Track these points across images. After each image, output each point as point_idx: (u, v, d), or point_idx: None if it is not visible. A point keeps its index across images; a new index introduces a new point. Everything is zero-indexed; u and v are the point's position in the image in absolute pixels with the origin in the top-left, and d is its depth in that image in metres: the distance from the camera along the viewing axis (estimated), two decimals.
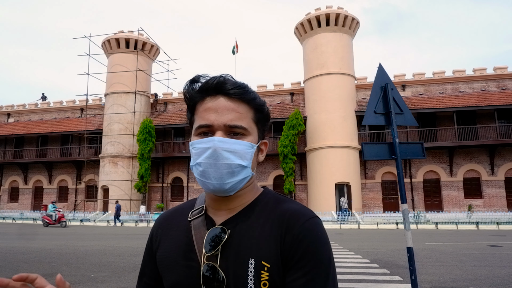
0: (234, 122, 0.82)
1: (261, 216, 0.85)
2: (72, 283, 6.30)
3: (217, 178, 0.81)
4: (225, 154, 0.80)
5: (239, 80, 0.88)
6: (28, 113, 35.26)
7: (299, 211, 0.84)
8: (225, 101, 0.83)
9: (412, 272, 3.59)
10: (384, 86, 4.04)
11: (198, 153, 0.82)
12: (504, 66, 26.05)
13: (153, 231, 0.98)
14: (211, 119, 0.82)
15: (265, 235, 0.82)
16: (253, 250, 0.80)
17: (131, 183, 28.54)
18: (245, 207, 0.88)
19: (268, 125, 0.94)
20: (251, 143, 0.85)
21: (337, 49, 26.00)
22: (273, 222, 0.83)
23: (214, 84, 0.84)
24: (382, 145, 4.02)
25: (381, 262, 8.40)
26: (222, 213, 0.88)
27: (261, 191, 0.93)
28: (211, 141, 0.81)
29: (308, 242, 0.79)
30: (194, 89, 0.87)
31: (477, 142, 23.84)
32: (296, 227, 0.80)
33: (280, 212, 0.85)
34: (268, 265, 0.78)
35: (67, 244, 12.23)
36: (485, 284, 6.15)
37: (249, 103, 0.86)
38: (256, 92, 0.90)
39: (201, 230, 0.86)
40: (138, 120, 29.41)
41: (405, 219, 3.79)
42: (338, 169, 23.88)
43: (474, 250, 10.32)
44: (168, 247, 0.90)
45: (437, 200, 25.42)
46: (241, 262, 0.79)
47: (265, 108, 0.90)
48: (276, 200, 0.89)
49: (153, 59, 32.36)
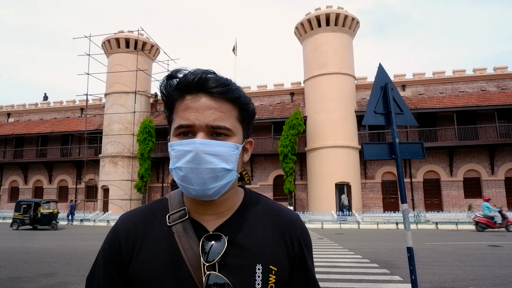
0: (217, 123, 0.76)
1: (255, 220, 0.84)
2: (72, 283, 6.30)
3: (199, 183, 0.74)
4: (208, 158, 0.74)
5: (225, 77, 0.81)
6: (28, 113, 35.26)
7: (290, 214, 0.89)
8: (207, 100, 0.76)
9: (412, 272, 3.59)
10: (384, 86, 4.04)
11: (178, 155, 0.75)
12: (504, 66, 26.04)
13: (119, 239, 0.82)
14: (192, 119, 0.75)
15: (268, 240, 0.81)
16: (259, 255, 0.78)
17: (131, 183, 28.54)
18: (236, 211, 0.84)
19: (253, 123, 0.88)
20: (236, 144, 0.78)
21: (337, 49, 25.99)
22: (271, 225, 0.84)
23: (195, 82, 0.76)
24: (382, 145, 4.02)
25: (381, 262, 8.40)
26: (210, 217, 0.82)
27: (243, 191, 0.90)
28: (193, 143, 0.74)
29: (309, 242, 0.89)
30: (172, 85, 0.79)
31: (477, 142, 23.83)
32: (298, 230, 0.87)
33: (273, 216, 0.87)
34: (276, 268, 0.79)
35: (67, 244, 12.23)
36: (485, 284, 6.15)
37: (233, 101, 0.79)
38: (243, 89, 0.86)
39: (189, 237, 0.78)
40: (138, 120, 29.41)
41: (405, 219, 3.79)
42: (338, 169, 23.88)
43: (474, 250, 10.32)
44: (147, 258, 0.78)
45: (437, 200, 25.42)
46: (247, 268, 0.77)
47: (251, 106, 0.84)
48: (261, 201, 0.90)
49: (153, 59, 32.35)
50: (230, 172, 0.77)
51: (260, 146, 27.43)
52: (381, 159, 4.06)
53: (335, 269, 7.60)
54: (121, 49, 30.13)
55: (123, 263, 0.80)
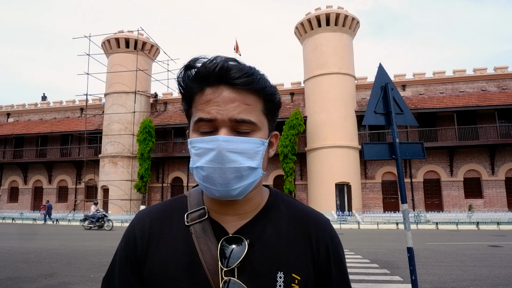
0: (241, 116, 0.70)
1: (279, 223, 0.77)
2: (72, 283, 6.30)
3: (223, 184, 0.69)
4: (232, 157, 0.68)
5: (248, 64, 0.74)
6: (28, 113, 35.26)
7: (319, 217, 0.82)
8: (229, 92, 0.70)
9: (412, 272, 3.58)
10: (384, 86, 4.03)
11: (199, 154, 0.70)
12: (505, 66, 26.03)
13: (135, 237, 0.78)
14: (213, 113, 0.69)
15: (291, 245, 0.75)
16: (281, 262, 0.72)
17: (131, 183, 28.53)
18: (259, 212, 0.78)
19: (278, 114, 0.82)
20: (261, 139, 0.72)
21: (337, 49, 25.99)
22: (296, 229, 0.77)
23: (216, 72, 0.69)
24: (382, 145, 4.01)
25: (381, 262, 8.40)
26: (231, 218, 0.76)
27: (268, 191, 0.84)
28: (215, 140, 0.68)
29: (339, 250, 0.81)
30: (190, 76, 0.72)
31: (477, 142, 23.83)
32: (325, 236, 0.79)
33: (299, 219, 0.79)
34: (299, 278, 0.72)
35: (67, 244, 12.22)
36: (485, 284, 6.15)
37: (258, 92, 0.72)
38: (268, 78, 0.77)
39: (208, 238, 0.73)
40: (138, 120, 29.41)
41: (405, 219, 3.78)
42: (338, 169, 23.87)
43: (475, 250, 10.31)
44: (162, 259, 0.74)
45: (437, 200, 25.41)
46: (267, 276, 0.71)
47: (277, 96, 0.77)
48: (287, 202, 0.83)
49: (153, 59, 32.35)
50: (255, 171, 0.72)
51: None
52: (381, 159, 4.06)
53: None
54: (121, 49, 30.12)
55: (138, 262, 0.76)
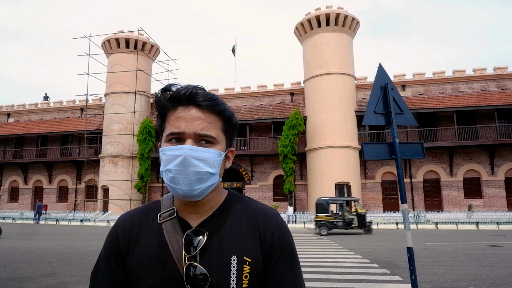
0: (204, 131, 0.87)
1: (233, 218, 0.93)
2: (72, 283, 6.30)
3: (186, 184, 0.85)
4: (194, 162, 0.85)
5: (212, 93, 0.93)
6: (28, 113, 35.25)
7: (267, 210, 0.96)
8: (196, 111, 0.88)
9: (412, 272, 3.58)
10: (384, 86, 4.03)
11: (168, 159, 0.86)
12: (504, 66, 26.04)
13: (117, 236, 0.94)
14: (182, 127, 0.87)
15: (243, 235, 0.90)
16: (235, 248, 0.88)
17: (131, 183, 28.54)
18: (216, 210, 0.94)
19: (235, 134, 0.99)
20: (219, 151, 0.89)
21: (337, 49, 25.99)
22: (247, 222, 0.92)
23: (186, 95, 0.88)
24: (382, 145, 4.02)
25: (381, 262, 8.41)
26: (194, 216, 0.93)
27: (226, 193, 0.99)
28: (182, 148, 0.85)
29: (283, 238, 0.93)
30: (166, 97, 0.91)
31: (477, 142, 23.83)
32: (271, 226, 0.92)
33: (250, 213, 0.94)
34: (249, 260, 0.87)
35: (67, 244, 12.23)
36: (485, 284, 6.15)
37: (218, 114, 0.91)
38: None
39: (176, 232, 0.90)
40: (138, 120, 29.41)
41: (405, 219, 3.79)
42: (338, 169, 23.88)
43: (474, 250, 10.32)
44: (140, 251, 0.90)
45: (437, 200, 25.42)
46: (223, 259, 0.86)
47: (234, 118, 0.96)
48: (242, 201, 0.98)
49: (153, 59, 32.35)
50: (213, 176, 0.88)
51: (260, 146, 27.43)
52: (381, 159, 4.06)
53: (335, 269, 7.60)
54: (121, 49, 30.12)
55: (121, 255, 0.92)
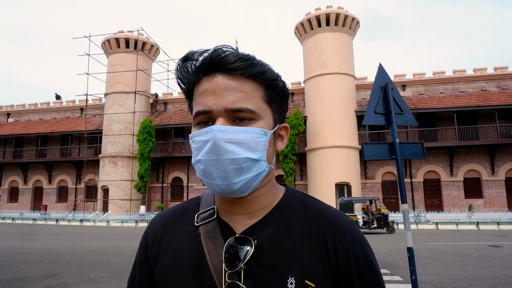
0: (237, 105, 0.66)
1: (292, 223, 0.72)
2: (72, 283, 6.29)
3: (221, 177, 0.65)
4: (228, 147, 0.64)
5: (247, 53, 0.70)
6: (28, 113, 35.25)
7: (339, 217, 0.74)
8: (224, 79, 0.67)
9: (412, 272, 3.58)
10: (384, 86, 4.03)
11: (198, 147, 0.67)
12: (505, 66, 26.03)
13: (147, 242, 0.79)
14: (209, 103, 0.67)
15: (305, 248, 0.68)
16: (293, 267, 0.66)
17: (131, 183, 28.53)
18: (270, 211, 0.73)
19: (286, 104, 0.77)
20: (262, 129, 0.68)
21: (337, 49, 25.98)
22: (310, 232, 0.71)
23: (210, 60, 0.68)
24: (382, 145, 4.01)
25: (381, 262, 8.40)
26: (240, 218, 0.72)
27: (283, 190, 0.78)
28: (210, 131, 0.65)
29: (363, 257, 0.71)
30: (187, 68, 0.71)
31: (477, 142, 23.82)
32: (346, 240, 0.70)
33: (316, 220, 0.72)
34: (313, 285, 0.65)
35: (67, 244, 12.23)
36: (485, 285, 6.14)
37: (256, 78, 0.69)
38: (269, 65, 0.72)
39: (215, 239, 0.70)
40: (138, 120, 29.41)
41: (405, 219, 3.78)
42: (338, 169, 23.87)
43: (475, 250, 10.31)
44: (170, 260, 0.72)
45: (438, 200, 25.40)
46: (276, 281, 0.65)
47: (279, 82, 0.73)
48: (303, 202, 0.76)
49: (153, 59, 32.35)
50: (257, 163, 0.67)
51: None
52: (381, 159, 4.05)
53: None
54: (121, 49, 30.12)
55: (150, 265, 0.76)
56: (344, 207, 17.03)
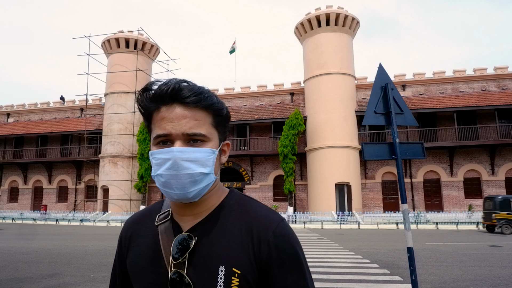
0: (192, 130, 0.80)
1: (227, 222, 0.85)
2: (72, 284, 6.30)
3: (179, 188, 0.79)
4: (185, 164, 0.79)
5: (198, 85, 0.85)
6: (28, 113, 35.26)
7: (266, 216, 0.86)
8: (181, 109, 0.80)
9: (412, 272, 3.58)
10: (384, 86, 4.03)
11: (158, 163, 0.80)
12: (505, 66, 26.05)
13: (121, 237, 0.96)
14: (168, 128, 0.80)
15: (235, 242, 0.82)
16: (223, 257, 0.80)
17: (131, 183, 28.54)
18: (211, 212, 0.87)
19: (228, 126, 0.92)
20: (211, 149, 0.83)
21: (337, 49, 25.99)
22: (241, 228, 0.84)
23: (169, 92, 0.80)
24: (382, 145, 4.01)
25: (381, 262, 8.40)
26: (188, 218, 0.87)
27: (227, 192, 0.92)
28: (170, 151, 0.78)
29: (283, 247, 0.82)
30: (148, 97, 0.83)
31: (477, 142, 23.83)
32: (268, 234, 0.82)
33: (247, 218, 0.85)
34: (239, 272, 0.79)
35: (67, 244, 12.23)
36: (485, 284, 6.15)
37: (207, 109, 0.83)
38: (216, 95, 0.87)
39: (168, 236, 0.85)
40: (138, 120, 29.42)
41: (405, 219, 3.78)
42: (338, 169, 23.87)
43: (475, 250, 10.32)
44: (136, 253, 0.89)
45: (438, 200, 25.41)
46: (210, 269, 0.80)
47: (224, 110, 0.88)
48: (241, 203, 0.89)
49: (153, 59, 32.36)
50: (207, 176, 0.82)
51: (260, 146, 27.44)
52: (381, 159, 4.06)
53: (335, 269, 7.60)
54: (121, 49, 30.13)
55: (123, 256, 0.94)
56: (500, 205, 15.84)
